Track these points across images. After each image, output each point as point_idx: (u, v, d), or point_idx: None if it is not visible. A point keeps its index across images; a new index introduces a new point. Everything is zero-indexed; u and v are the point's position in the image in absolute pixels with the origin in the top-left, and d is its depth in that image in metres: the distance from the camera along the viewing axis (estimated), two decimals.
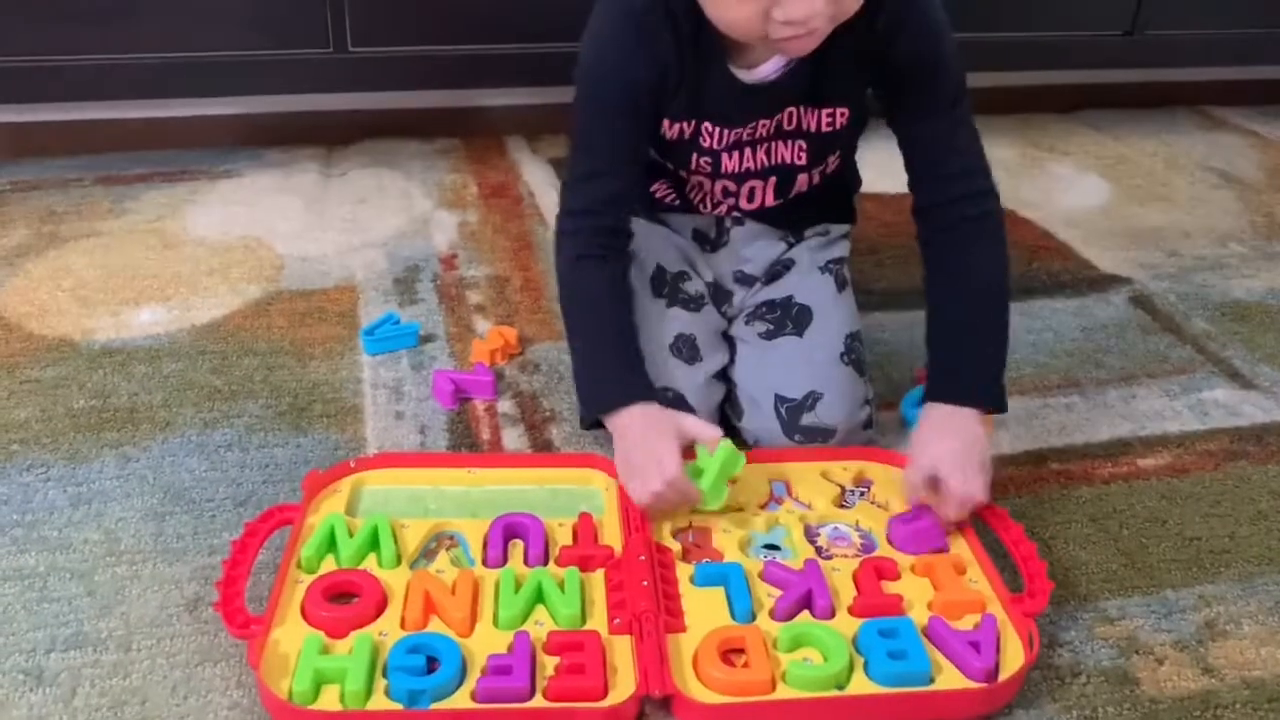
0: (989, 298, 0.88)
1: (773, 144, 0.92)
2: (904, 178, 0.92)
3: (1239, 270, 1.37)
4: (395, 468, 0.89)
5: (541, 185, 1.57)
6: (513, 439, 0.99)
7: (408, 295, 1.23)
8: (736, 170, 0.93)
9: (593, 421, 0.92)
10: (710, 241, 1.02)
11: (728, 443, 0.82)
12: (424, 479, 0.88)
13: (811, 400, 0.93)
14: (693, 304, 0.99)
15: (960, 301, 0.88)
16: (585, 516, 0.82)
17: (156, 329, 1.14)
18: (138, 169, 1.56)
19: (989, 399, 0.87)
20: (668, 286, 0.99)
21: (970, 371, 0.87)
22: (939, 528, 0.82)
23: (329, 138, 1.68)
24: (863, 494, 0.88)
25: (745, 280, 1.03)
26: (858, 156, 1.04)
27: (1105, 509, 0.92)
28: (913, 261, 0.93)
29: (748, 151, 0.92)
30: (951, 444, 0.82)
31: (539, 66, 1.59)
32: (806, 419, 0.92)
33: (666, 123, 0.90)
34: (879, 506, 0.86)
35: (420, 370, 1.08)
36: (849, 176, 1.05)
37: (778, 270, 1.02)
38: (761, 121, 0.90)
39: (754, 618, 0.74)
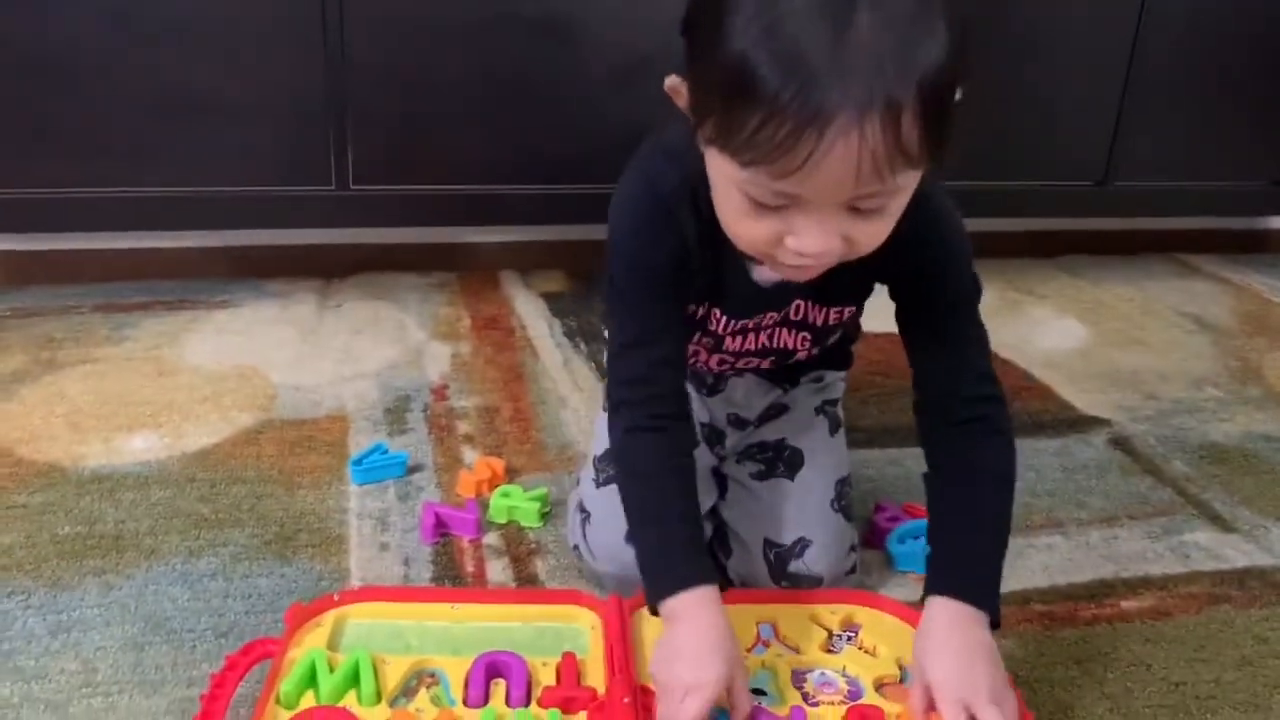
0: (996, 494, 0.82)
1: (776, 330, 0.92)
2: (889, 315, 0.92)
3: (1216, 414, 1.40)
4: (378, 601, 0.88)
5: (533, 318, 1.60)
6: (497, 571, 0.99)
7: (397, 425, 1.25)
8: (738, 350, 0.94)
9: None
10: (707, 386, 1.03)
11: None
12: (407, 614, 0.87)
13: (800, 548, 0.93)
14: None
15: (963, 496, 0.82)
16: (569, 656, 0.82)
17: (147, 456, 1.14)
18: (137, 297, 1.59)
19: (990, 603, 0.78)
20: None
21: (977, 568, 0.79)
22: None
23: (327, 270, 1.72)
24: (850, 638, 0.88)
25: (739, 423, 1.04)
26: None
27: (1089, 651, 0.92)
28: (897, 399, 0.95)
29: (750, 337, 0.92)
30: (956, 665, 0.74)
31: (533, 207, 1.64)
32: (794, 566, 0.93)
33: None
34: (866, 653, 0.86)
35: (406, 501, 1.09)
36: (852, 329, 1.03)
37: (772, 413, 1.03)
38: (770, 314, 0.90)
39: None
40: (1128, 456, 1.27)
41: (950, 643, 0.75)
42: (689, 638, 0.75)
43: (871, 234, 0.69)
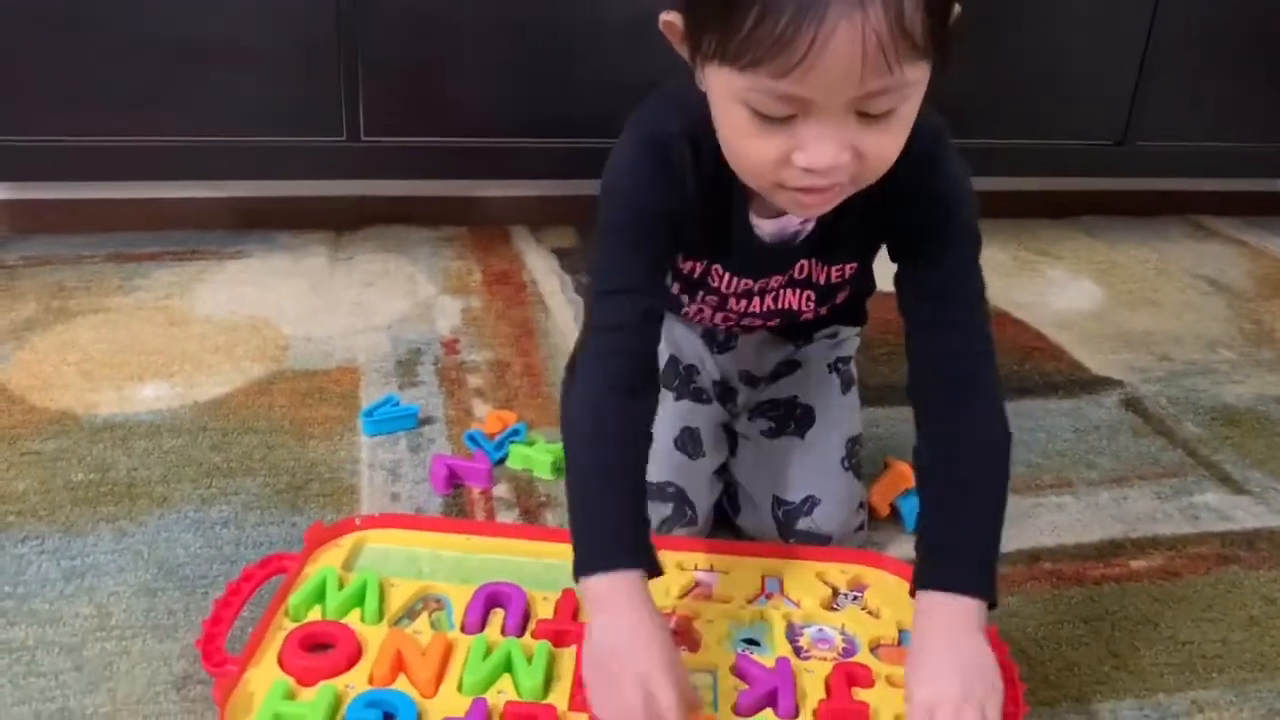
0: (985, 469, 0.77)
1: (781, 293, 0.91)
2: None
3: (1229, 376, 1.39)
4: (398, 529, 0.91)
5: (544, 273, 1.59)
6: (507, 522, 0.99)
7: (409, 378, 1.25)
8: (742, 312, 0.93)
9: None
10: (718, 344, 1.03)
11: None
12: (424, 542, 0.90)
13: (809, 505, 0.93)
14: (700, 396, 1.00)
15: (953, 472, 0.77)
16: (568, 592, 0.83)
17: (159, 405, 1.15)
18: (149, 248, 1.59)
19: (984, 588, 0.73)
20: (679, 379, 1.00)
21: (967, 555, 0.74)
22: None
23: (338, 223, 1.72)
24: (855, 598, 0.88)
25: (750, 380, 1.03)
26: None
27: (1097, 610, 0.92)
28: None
29: (755, 300, 0.91)
30: (954, 678, 0.69)
31: (544, 161, 1.63)
32: (803, 524, 0.93)
33: (682, 258, 0.87)
34: (869, 613, 0.86)
35: (418, 452, 1.09)
36: (863, 285, 1.00)
37: (783, 370, 1.02)
38: (775, 277, 0.88)
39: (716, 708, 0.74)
40: (1139, 418, 1.26)
41: (933, 655, 0.71)
42: (627, 651, 0.68)
43: (882, 145, 0.67)
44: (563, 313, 1.46)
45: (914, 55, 0.62)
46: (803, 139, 0.65)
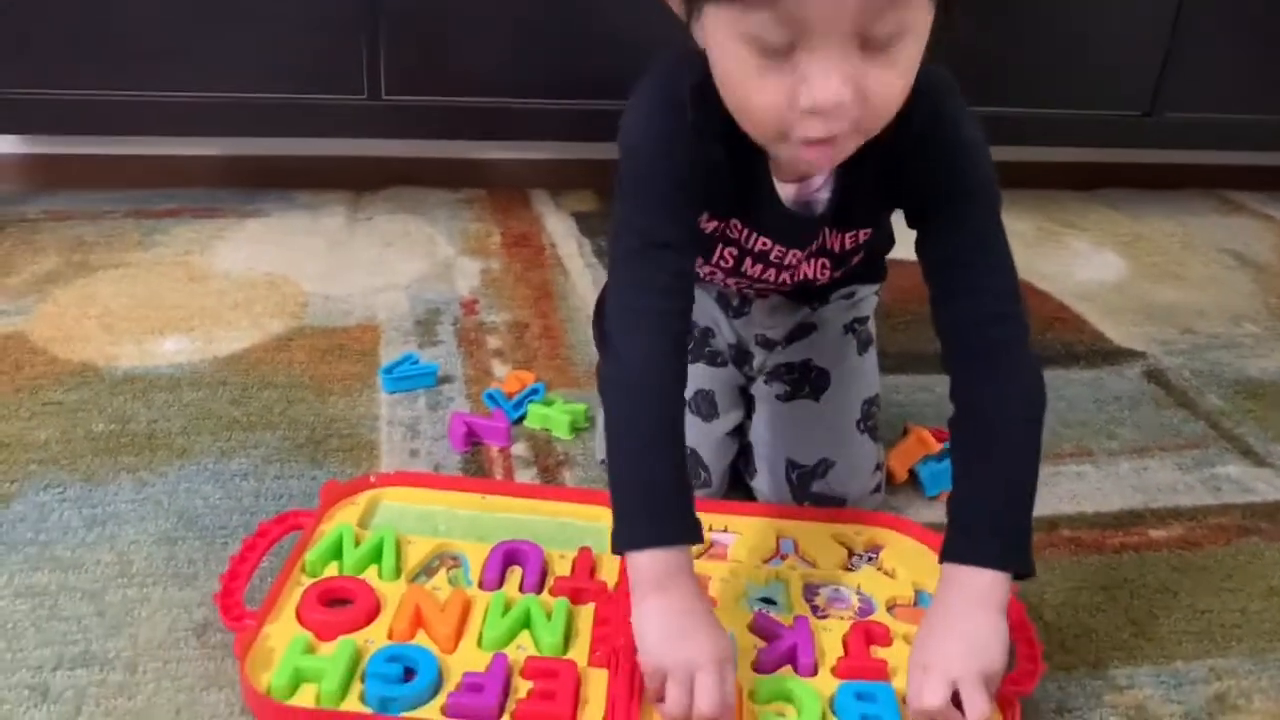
0: (1019, 438, 0.75)
1: (798, 266, 0.90)
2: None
3: (1253, 350, 1.38)
4: (413, 486, 0.91)
5: (564, 237, 1.59)
6: (525, 481, 0.99)
7: (428, 337, 1.25)
8: (756, 277, 0.92)
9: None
10: (732, 309, 1.02)
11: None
12: (439, 500, 0.90)
13: (823, 468, 0.93)
14: (715, 359, 1.00)
15: (985, 441, 0.75)
16: (585, 550, 0.83)
17: (179, 358, 1.15)
18: (168, 204, 1.59)
19: (1008, 561, 0.72)
20: (694, 341, 0.99)
21: (999, 526, 0.73)
22: None
23: (358, 183, 1.71)
24: (871, 559, 0.88)
25: (766, 344, 1.03)
26: None
27: (1116, 578, 0.92)
28: (928, 325, 0.93)
29: (771, 270, 0.90)
30: (956, 646, 0.69)
31: (566, 123, 1.62)
32: (817, 486, 0.93)
33: (705, 216, 0.86)
34: (885, 574, 0.86)
35: (437, 410, 1.09)
36: (882, 241, 0.98)
37: (799, 333, 1.02)
38: (793, 251, 0.87)
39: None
40: (1161, 389, 1.25)
41: (942, 624, 0.71)
42: (678, 614, 0.69)
43: (886, 83, 0.66)
44: (581, 276, 1.45)
45: None
46: (805, 73, 0.64)
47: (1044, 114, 1.74)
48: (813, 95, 0.64)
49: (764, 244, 0.87)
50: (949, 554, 0.73)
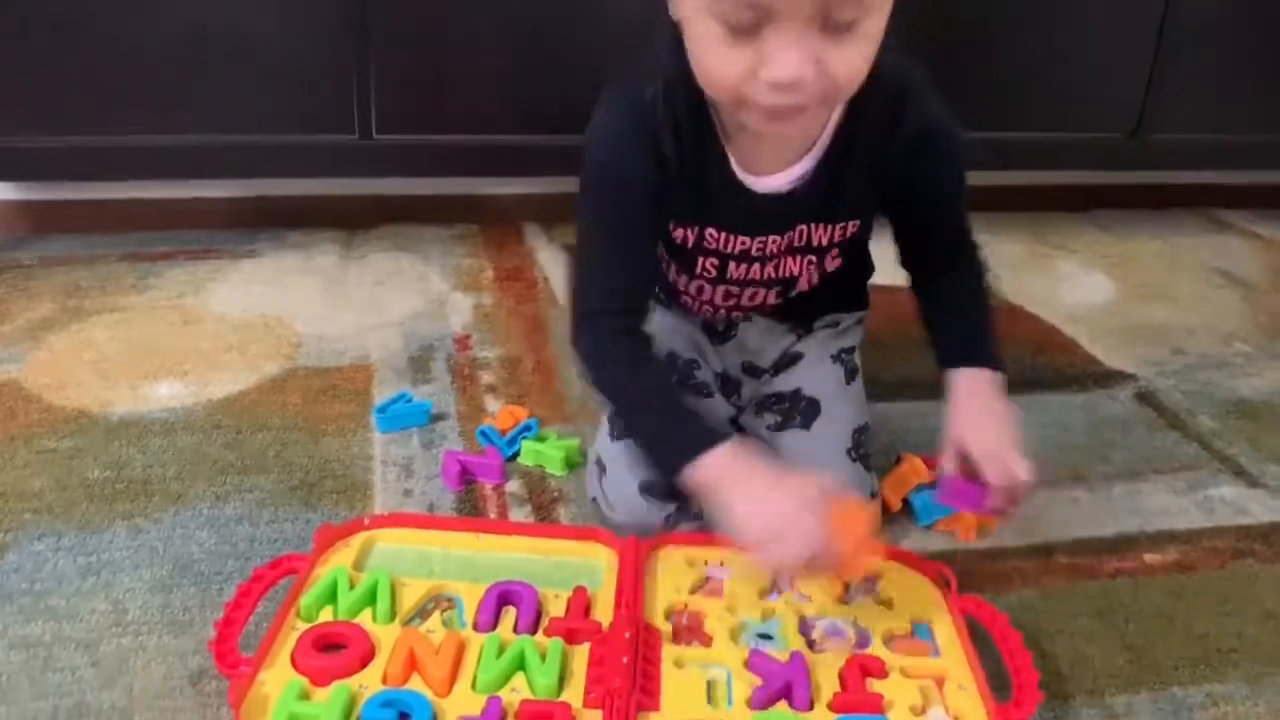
0: (981, 293, 0.95)
1: (781, 259, 0.92)
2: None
3: (1244, 369, 1.38)
4: (407, 528, 0.91)
5: (556, 269, 1.60)
6: (519, 519, 0.99)
7: (421, 374, 1.25)
8: (742, 279, 0.94)
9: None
10: (719, 334, 1.03)
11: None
12: (433, 541, 0.90)
13: None
14: (703, 391, 1.00)
15: (955, 298, 0.94)
16: (580, 590, 0.83)
17: (173, 403, 1.15)
18: (163, 247, 1.60)
19: (998, 361, 0.90)
20: (678, 374, 1.00)
21: (983, 342, 0.91)
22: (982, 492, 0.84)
23: (350, 221, 1.72)
24: (867, 591, 0.88)
25: (754, 372, 1.04)
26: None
27: (1111, 604, 0.92)
28: (918, 352, 0.94)
29: (755, 267, 0.92)
30: (1000, 427, 0.85)
31: (556, 157, 1.61)
32: None
33: (672, 225, 0.89)
34: (882, 605, 0.86)
35: (430, 449, 1.09)
36: (862, 265, 1.03)
37: (786, 362, 1.03)
38: (773, 238, 0.89)
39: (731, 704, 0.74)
40: (1153, 411, 1.26)
41: (974, 408, 0.86)
42: (759, 487, 0.77)
43: (846, 60, 0.70)
44: None
45: None
46: (767, 52, 0.69)
47: (1031, 138, 1.76)
48: (773, 72, 0.69)
49: (742, 242, 0.89)
50: (960, 360, 0.89)
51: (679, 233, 0.89)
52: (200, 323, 1.36)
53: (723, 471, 0.78)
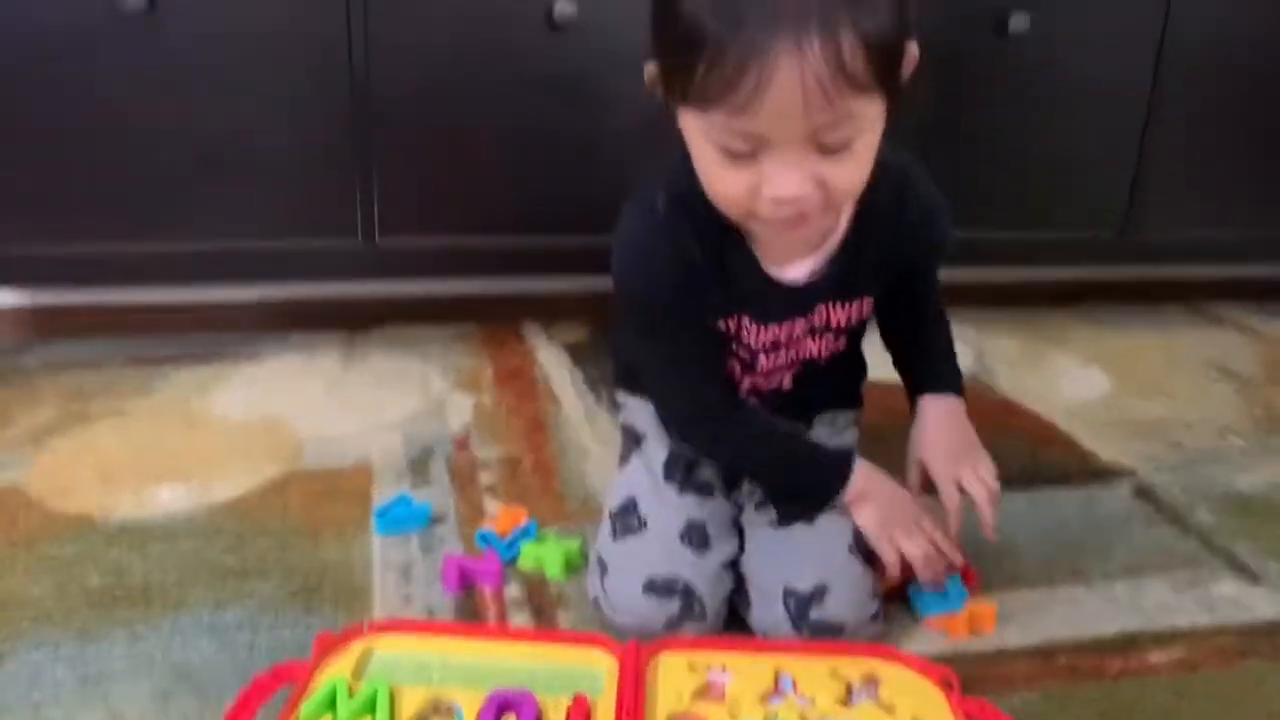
0: (942, 326, 1.06)
1: (803, 341, 0.97)
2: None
3: (1241, 463, 1.39)
4: (406, 634, 0.91)
5: (556, 368, 1.61)
6: (519, 623, 0.99)
7: (421, 476, 1.26)
8: (770, 368, 0.98)
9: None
10: None
11: None
12: (433, 647, 0.90)
13: (820, 594, 0.93)
14: (705, 490, 1.01)
15: (921, 329, 1.05)
16: (580, 697, 0.82)
17: (175, 507, 1.16)
18: (166, 350, 1.62)
19: (959, 386, 1.04)
20: (680, 472, 1.01)
21: (949, 371, 1.04)
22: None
23: (351, 322, 1.75)
24: (869, 694, 0.87)
25: None
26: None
27: (1116, 705, 0.91)
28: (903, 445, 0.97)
29: (781, 353, 0.97)
30: (969, 448, 0.99)
31: (553, 258, 1.66)
32: (815, 613, 0.93)
33: (711, 319, 0.94)
34: (883, 709, 0.85)
35: (430, 552, 1.09)
36: (856, 363, 1.09)
37: None
38: (798, 320, 0.95)
39: None
40: (1152, 506, 1.26)
41: (940, 432, 1.00)
42: (887, 495, 0.96)
43: (844, 175, 0.74)
44: (574, 407, 1.47)
45: (858, 91, 0.70)
46: (767, 173, 0.73)
47: (1020, 236, 1.79)
48: (775, 191, 0.74)
49: (773, 332, 0.94)
50: (927, 388, 1.02)
51: (719, 325, 0.94)
52: (203, 426, 1.37)
53: (865, 485, 0.95)
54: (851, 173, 0.75)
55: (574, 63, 1.53)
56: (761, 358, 0.97)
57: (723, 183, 0.77)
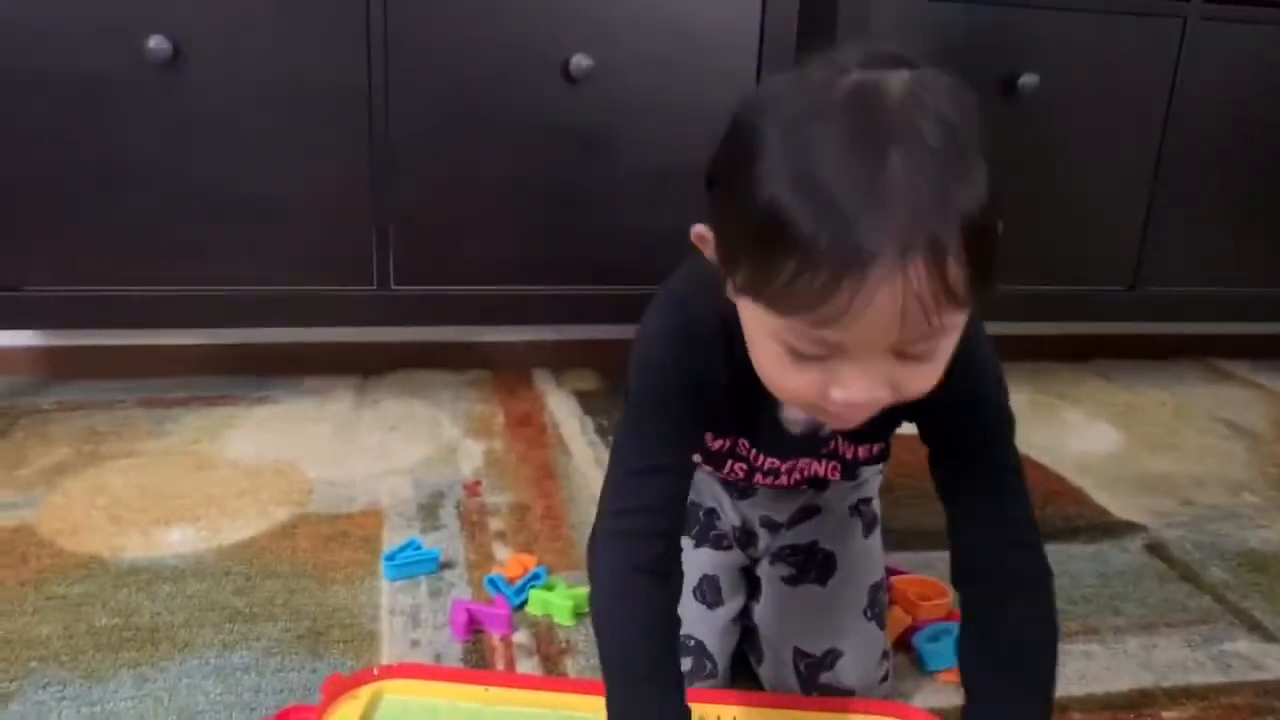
0: (1029, 665, 0.76)
1: (809, 465, 0.94)
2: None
3: (1254, 520, 1.38)
4: (417, 679, 0.90)
5: (565, 415, 1.62)
6: (527, 670, 0.98)
7: (431, 521, 1.26)
8: (770, 485, 0.97)
9: None
10: (738, 491, 1.03)
11: None
12: (442, 693, 0.89)
13: (831, 659, 0.92)
14: (719, 543, 1.00)
15: (1003, 669, 0.76)
16: None
17: (184, 548, 1.16)
18: (179, 393, 1.63)
19: None
20: (699, 524, 1.00)
21: None
22: None
23: (364, 368, 1.76)
24: None
25: (771, 525, 1.03)
26: None
27: None
28: (929, 501, 0.93)
29: (783, 478, 0.95)
30: None
31: (565, 306, 1.67)
32: (825, 678, 0.92)
33: (709, 435, 0.90)
34: None
35: (438, 597, 1.09)
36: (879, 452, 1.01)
37: (803, 515, 1.03)
38: (803, 459, 0.92)
39: None
40: (1164, 563, 1.25)
41: None
42: None
43: (921, 378, 0.65)
44: (583, 454, 1.47)
45: (956, 308, 0.61)
46: (839, 376, 0.64)
47: (1030, 290, 1.80)
48: (847, 395, 0.64)
49: (772, 463, 0.91)
50: None
51: (716, 443, 0.91)
52: (214, 468, 1.37)
53: None
54: (928, 376, 0.66)
55: (589, 115, 1.55)
56: (758, 476, 0.94)
57: (786, 381, 0.67)
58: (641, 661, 0.75)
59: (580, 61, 1.50)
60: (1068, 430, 1.67)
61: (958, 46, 1.63)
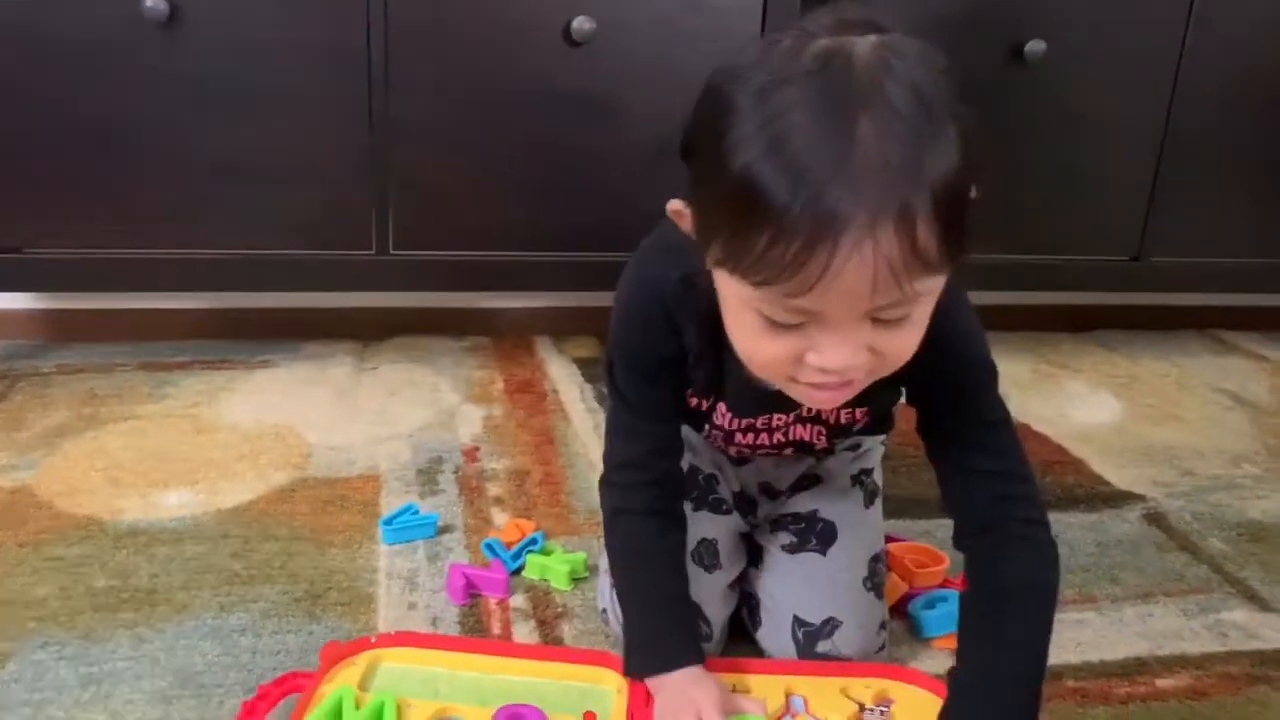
0: (1026, 622, 0.78)
1: (790, 427, 0.92)
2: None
3: (1253, 491, 1.38)
4: (414, 647, 0.90)
5: (565, 382, 1.62)
6: (524, 634, 0.99)
7: (429, 486, 1.26)
8: (750, 444, 0.95)
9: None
10: (736, 460, 1.03)
11: None
12: (440, 661, 0.89)
13: (830, 628, 0.93)
14: (718, 507, 1.00)
15: (995, 621, 0.78)
16: (590, 715, 0.82)
17: (183, 511, 1.16)
18: (179, 357, 1.62)
19: None
20: (699, 489, 1.00)
21: (990, 704, 0.76)
22: None
23: (364, 333, 1.76)
24: (882, 713, 0.87)
25: (770, 492, 1.03)
26: None
27: None
28: (928, 470, 0.93)
29: (763, 435, 0.93)
30: None
31: (567, 273, 1.66)
32: (823, 646, 0.92)
33: (688, 393, 0.90)
34: None
35: (436, 561, 1.09)
36: (885, 409, 1.01)
37: (804, 483, 1.02)
38: (777, 415, 0.91)
39: None
40: (1163, 533, 1.25)
41: None
42: (678, 691, 0.82)
43: (898, 344, 0.66)
44: (583, 422, 1.47)
45: (928, 273, 0.61)
46: (816, 342, 0.65)
47: (1035, 260, 1.78)
48: (824, 361, 0.65)
49: (748, 422, 0.91)
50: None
51: (692, 401, 0.91)
52: (213, 432, 1.37)
53: (673, 689, 0.83)
54: (906, 341, 0.67)
55: (591, 78, 1.54)
56: (738, 435, 0.93)
57: (760, 350, 0.68)
58: (644, 586, 0.88)
59: (582, 24, 1.48)
60: (1069, 400, 1.67)
61: (965, 12, 1.61)
